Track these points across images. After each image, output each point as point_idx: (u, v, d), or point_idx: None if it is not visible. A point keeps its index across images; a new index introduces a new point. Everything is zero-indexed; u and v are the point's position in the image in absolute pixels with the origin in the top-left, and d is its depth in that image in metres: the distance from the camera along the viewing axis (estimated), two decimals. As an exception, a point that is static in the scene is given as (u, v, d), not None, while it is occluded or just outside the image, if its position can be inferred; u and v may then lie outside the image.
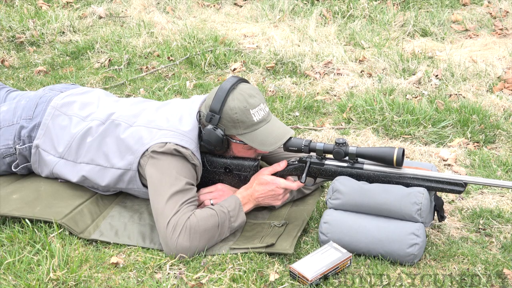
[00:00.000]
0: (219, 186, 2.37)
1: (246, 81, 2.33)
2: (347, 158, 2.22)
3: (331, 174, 2.25)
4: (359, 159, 2.23)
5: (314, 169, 2.27)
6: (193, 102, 2.39)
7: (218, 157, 2.34)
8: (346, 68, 3.96)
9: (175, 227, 2.10)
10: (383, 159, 2.15)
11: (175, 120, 2.31)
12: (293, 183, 2.28)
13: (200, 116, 2.31)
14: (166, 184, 2.17)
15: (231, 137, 2.27)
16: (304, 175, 2.27)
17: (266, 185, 2.27)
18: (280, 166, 2.30)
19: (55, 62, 4.16)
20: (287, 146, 2.26)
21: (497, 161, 2.82)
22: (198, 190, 2.35)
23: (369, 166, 2.21)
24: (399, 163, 2.14)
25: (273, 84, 3.74)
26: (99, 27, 4.78)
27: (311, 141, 2.24)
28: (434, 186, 2.13)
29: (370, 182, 2.19)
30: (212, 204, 2.31)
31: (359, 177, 2.21)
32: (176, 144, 2.22)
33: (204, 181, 2.38)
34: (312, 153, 2.28)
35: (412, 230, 2.07)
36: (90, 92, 2.64)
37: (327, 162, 2.26)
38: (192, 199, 2.19)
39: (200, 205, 2.33)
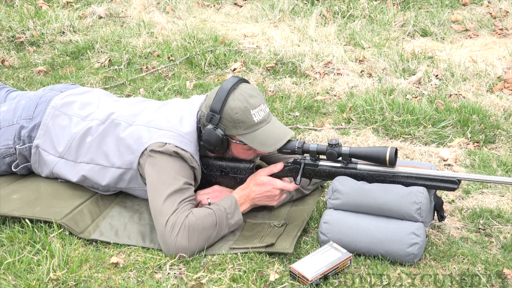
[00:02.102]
0: (216, 187, 2.37)
1: (247, 81, 2.33)
2: (340, 158, 2.23)
3: (326, 175, 2.26)
4: (353, 159, 2.24)
5: (308, 170, 2.28)
6: (193, 102, 2.39)
7: (214, 160, 2.35)
8: (346, 68, 3.96)
9: (174, 226, 2.10)
10: (376, 159, 2.16)
11: (175, 121, 2.30)
12: (289, 184, 2.29)
13: (200, 116, 2.31)
14: (165, 183, 2.17)
15: (231, 137, 2.27)
16: (299, 176, 2.27)
17: (263, 185, 2.27)
18: (277, 167, 2.30)
19: (55, 62, 4.16)
20: (280, 149, 2.26)
21: (497, 161, 2.82)
22: (195, 192, 2.35)
23: (362, 166, 2.21)
24: (392, 163, 2.14)
25: (273, 84, 3.74)
26: (99, 27, 4.78)
27: (304, 142, 2.25)
28: (428, 184, 2.14)
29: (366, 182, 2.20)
30: (209, 203, 2.31)
31: (353, 177, 2.21)
32: (176, 146, 2.22)
33: (201, 184, 2.38)
34: (306, 155, 2.28)
35: (412, 229, 2.07)
36: (90, 92, 2.64)
37: (321, 163, 2.27)
38: (190, 198, 2.19)
39: (198, 204, 2.33)
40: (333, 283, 2.02)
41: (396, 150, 2.15)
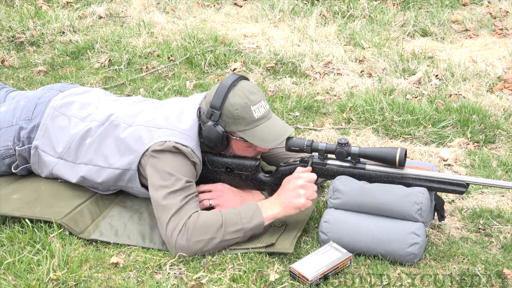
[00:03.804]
0: (219, 186, 2.36)
1: (247, 79, 2.33)
2: (349, 158, 2.22)
3: (333, 174, 2.25)
4: (361, 159, 2.23)
5: (316, 169, 2.27)
6: (192, 99, 2.39)
7: (219, 157, 2.34)
8: (346, 68, 3.96)
9: (176, 226, 2.09)
10: (385, 160, 2.15)
11: (174, 118, 2.30)
12: (305, 172, 2.21)
13: (200, 112, 2.30)
14: (166, 182, 2.16)
15: (231, 134, 2.27)
16: None
17: (286, 184, 2.21)
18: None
19: (55, 62, 4.16)
20: (289, 146, 2.25)
21: (497, 161, 2.82)
22: (197, 186, 2.34)
23: (371, 167, 2.20)
24: (402, 164, 2.14)
25: (273, 84, 3.74)
26: (99, 27, 4.78)
27: (313, 141, 2.24)
28: (436, 186, 2.13)
29: (372, 182, 2.19)
30: (210, 205, 2.31)
31: (361, 177, 2.20)
32: (176, 142, 2.21)
33: (205, 181, 2.37)
34: (314, 153, 2.28)
35: (412, 229, 2.07)
36: (89, 92, 2.64)
37: (329, 162, 2.26)
38: (191, 196, 2.18)
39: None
40: (333, 283, 2.02)
41: (406, 151, 2.14)
